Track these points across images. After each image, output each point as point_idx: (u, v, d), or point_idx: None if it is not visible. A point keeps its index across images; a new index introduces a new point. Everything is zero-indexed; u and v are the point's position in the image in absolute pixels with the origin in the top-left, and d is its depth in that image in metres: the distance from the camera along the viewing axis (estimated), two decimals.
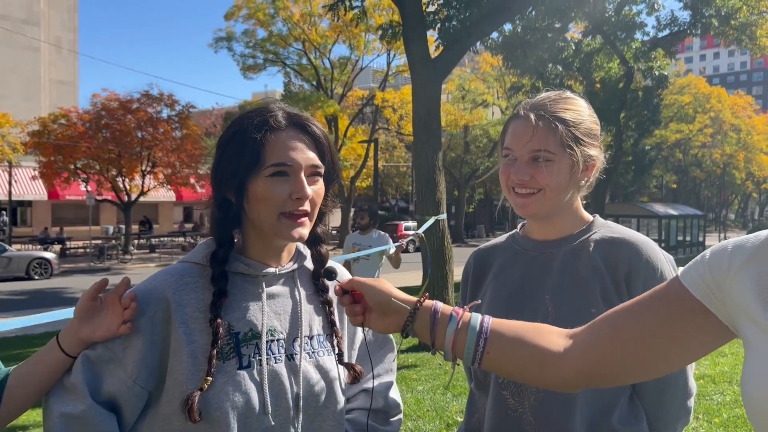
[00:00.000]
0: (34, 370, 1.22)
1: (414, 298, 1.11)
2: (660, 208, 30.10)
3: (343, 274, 1.34)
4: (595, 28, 18.34)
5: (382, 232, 7.33)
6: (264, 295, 1.29)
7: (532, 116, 1.37)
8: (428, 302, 1.09)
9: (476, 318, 1.06)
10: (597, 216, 1.50)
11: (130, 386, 1.21)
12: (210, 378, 1.19)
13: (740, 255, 0.87)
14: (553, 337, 1.03)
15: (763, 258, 0.84)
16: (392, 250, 6.96)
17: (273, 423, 1.23)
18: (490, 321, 1.05)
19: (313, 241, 1.37)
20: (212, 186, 1.30)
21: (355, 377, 1.36)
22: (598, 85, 21.47)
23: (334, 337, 1.36)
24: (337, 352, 1.35)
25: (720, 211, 57.18)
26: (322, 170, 1.27)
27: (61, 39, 43.86)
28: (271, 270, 1.31)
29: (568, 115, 1.38)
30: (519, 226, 1.58)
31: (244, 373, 1.22)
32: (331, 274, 1.22)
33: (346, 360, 1.39)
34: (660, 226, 28.36)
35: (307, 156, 1.24)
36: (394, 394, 1.49)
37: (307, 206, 1.24)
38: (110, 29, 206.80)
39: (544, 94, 1.44)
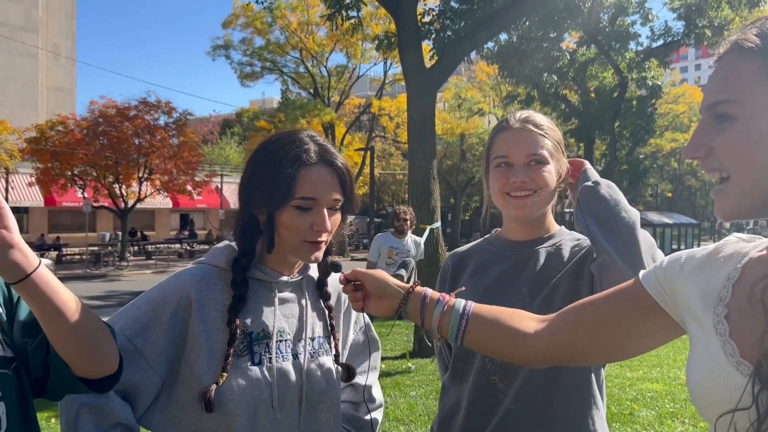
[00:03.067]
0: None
1: (407, 285, 1.27)
2: (655, 217, 30.23)
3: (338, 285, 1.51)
4: (590, 38, 18.54)
5: (415, 237, 7.24)
6: (276, 300, 1.43)
7: (529, 125, 1.55)
8: (419, 288, 1.26)
9: (460, 302, 1.21)
10: (562, 227, 1.68)
11: (150, 377, 1.33)
12: (225, 374, 1.31)
13: (690, 264, 0.99)
14: (526, 320, 1.18)
15: (707, 267, 0.97)
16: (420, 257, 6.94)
17: (279, 415, 1.36)
18: (472, 305, 1.21)
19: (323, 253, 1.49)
20: (241, 200, 1.42)
21: (348, 377, 1.49)
22: (592, 95, 21.65)
23: (332, 339, 1.51)
24: (334, 353, 1.49)
25: (715, 220, 57.40)
26: (341, 203, 1.40)
27: (59, 46, 43.94)
28: (284, 278, 1.45)
29: (553, 134, 1.59)
30: (492, 231, 1.72)
31: (255, 369, 1.35)
32: (337, 267, 1.39)
33: (341, 360, 1.52)
34: (655, 235, 28.45)
35: (331, 192, 1.37)
36: (376, 389, 1.65)
37: (325, 236, 1.38)
38: (108, 37, 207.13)
39: (526, 111, 1.63)
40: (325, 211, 1.36)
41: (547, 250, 1.59)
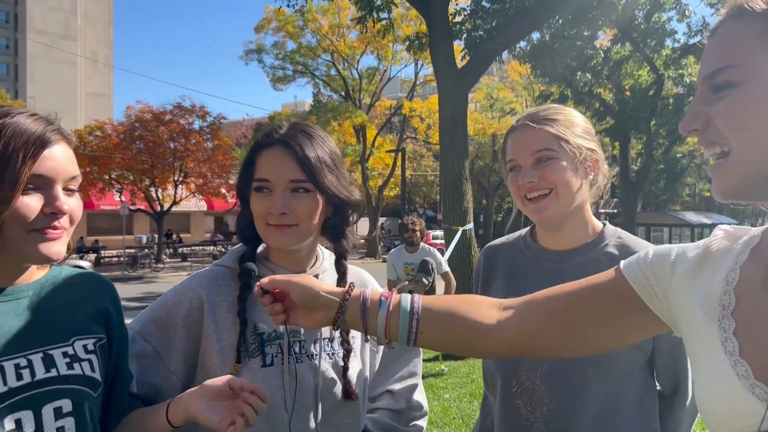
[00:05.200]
0: (139, 424, 1.25)
1: (341, 289, 1.10)
2: (693, 217, 29.59)
3: (362, 284, 1.46)
4: (625, 35, 18.21)
5: (429, 247, 6.69)
6: None
7: (527, 122, 1.44)
8: (356, 291, 1.09)
9: (406, 299, 1.07)
10: (607, 224, 1.52)
11: (169, 378, 1.33)
12: (238, 365, 1.29)
13: (682, 265, 0.92)
14: (485, 308, 1.06)
15: (701, 269, 0.89)
16: (445, 267, 6.51)
17: (293, 418, 1.31)
18: (420, 299, 1.07)
19: (337, 253, 1.46)
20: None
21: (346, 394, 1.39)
22: (627, 93, 21.27)
23: (351, 340, 1.43)
24: (342, 354, 1.40)
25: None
26: (308, 185, 1.32)
27: (97, 53, 45.01)
28: (295, 274, 1.39)
29: (559, 116, 1.45)
30: (529, 228, 1.59)
31: (267, 371, 1.32)
32: (250, 273, 1.24)
33: (368, 362, 1.47)
34: (693, 235, 27.85)
35: (286, 173, 1.31)
36: (418, 396, 1.54)
37: (288, 219, 1.31)
38: (144, 43, 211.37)
39: (533, 108, 1.52)
40: (283, 192, 1.31)
41: (586, 264, 1.42)
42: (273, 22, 31.87)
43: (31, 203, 1.06)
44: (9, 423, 1.02)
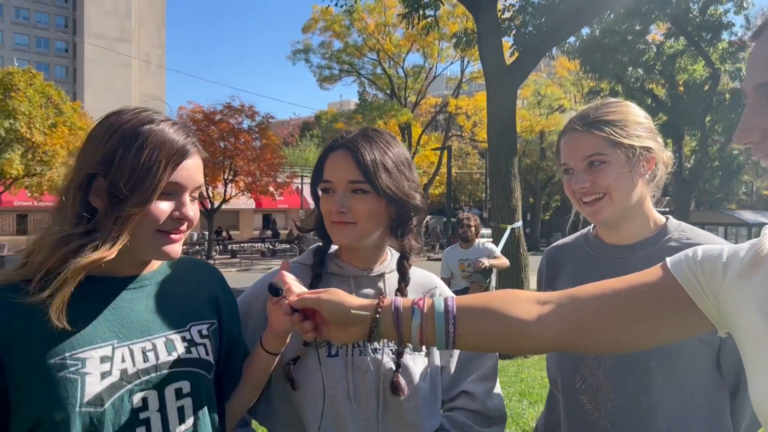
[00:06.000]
0: (246, 371, 1.36)
1: (372, 302, 1.09)
2: (749, 216, 28.54)
3: (433, 287, 1.51)
4: (678, 29, 17.73)
5: (484, 242, 6.70)
6: (354, 294, 1.43)
7: (577, 126, 1.43)
8: (387, 301, 1.08)
9: (439, 302, 1.05)
10: (671, 218, 1.50)
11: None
12: (305, 348, 1.38)
13: (734, 267, 0.91)
14: (522, 304, 1.03)
15: (755, 272, 0.88)
16: (498, 254, 6.53)
17: (356, 407, 1.37)
18: (454, 300, 1.05)
19: (401, 253, 1.51)
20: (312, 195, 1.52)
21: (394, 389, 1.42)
22: (681, 88, 20.70)
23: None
24: (397, 351, 1.42)
25: None
26: (365, 186, 1.38)
27: (150, 55, 46.24)
28: (361, 272, 1.46)
29: (612, 116, 1.42)
30: (592, 225, 1.59)
31: (332, 361, 1.38)
32: (277, 291, 1.23)
33: (437, 362, 1.50)
34: (750, 234, 26.89)
35: (346, 174, 1.38)
36: (496, 399, 1.54)
37: (347, 218, 1.38)
38: (194, 44, 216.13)
39: (586, 105, 1.49)
40: (344, 192, 1.38)
41: (647, 258, 1.39)
42: (320, 21, 32.22)
43: (163, 208, 1.16)
44: (137, 401, 1.12)
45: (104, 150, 1.13)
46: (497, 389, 1.56)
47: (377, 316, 1.06)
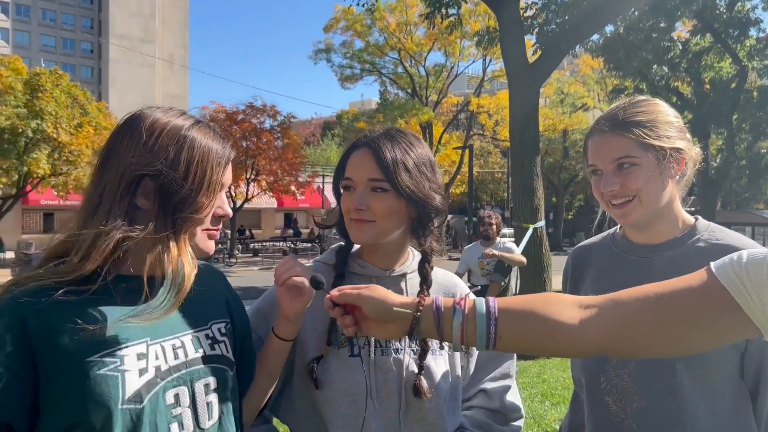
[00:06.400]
0: (261, 361, 1.38)
1: (413, 300, 1.10)
2: None
3: (453, 288, 1.50)
4: (705, 26, 17.43)
5: (506, 241, 6.69)
6: None
7: (606, 128, 1.40)
8: (428, 300, 1.09)
9: (481, 303, 1.05)
10: (700, 218, 1.48)
11: None
12: (329, 347, 1.39)
13: None
14: (565, 308, 1.03)
15: None
16: (517, 251, 6.52)
17: (378, 407, 1.37)
18: (495, 302, 1.05)
19: (422, 255, 1.50)
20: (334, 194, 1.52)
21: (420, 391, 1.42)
22: (707, 86, 20.38)
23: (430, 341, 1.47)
24: (419, 352, 1.42)
25: None
26: (385, 185, 1.38)
27: (174, 55, 46.71)
28: (382, 272, 1.46)
29: (641, 116, 1.38)
30: (619, 226, 1.56)
31: (353, 360, 1.39)
32: (319, 285, 1.25)
33: (458, 363, 1.50)
34: None
35: (365, 173, 1.39)
36: (513, 398, 1.55)
37: (365, 215, 1.38)
38: (217, 44, 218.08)
39: (615, 104, 1.46)
40: (361, 189, 1.39)
41: (676, 257, 1.40)
42: (341, 21, 32.29)
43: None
44: (170, 397, 1.13)
45: (153, 152, 1.13)
46: (514, 388, 1.56)
47: (418, 314, 1.07)
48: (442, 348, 1.45)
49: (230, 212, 1.27)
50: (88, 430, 1.03)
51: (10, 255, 25.26)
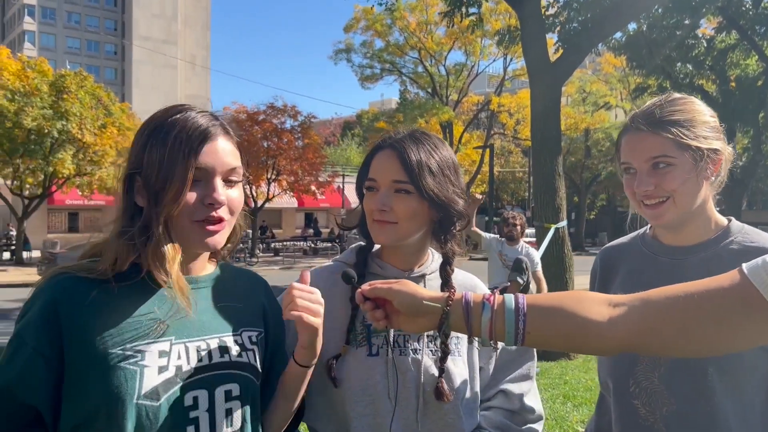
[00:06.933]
0: (280, 383, 1.33)
1: (442, 294, 1.11)
2: None
3: (471, 288, 1.50)
4: (730, 23, 17.15)
5: (529, 247, 6.66)
6: None
7: (642, 126, 1.36)
8: (458, 295, 1.10)
9: (510, 299, 1.06)
10: (733, 219, 1.45)
11: (290, 360, 1.41)
12: (347, 345, 1.39)
13: None
14: (594, 305, 1.03)
15: None
16: (539, 269, 6.46)
17: (396, 407, 1.38)
18: (524, 298, 1.06)
19: (443, 259, 1.50)
20: (358, 195, 1.52)
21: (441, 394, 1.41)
22: (733, 84, 20.06)
23: (455, 338, 1.46)
24: (437, 353, 1.42)
25: None
26: (409, 187, 1.37)
27: (195, 56, 47.13)
28: (402, 273, 1.46)
29: (678, 115, 1.35)
30: (648, 226, 1.54)
31: (372, 360, 1.39)
32: (350, 279, 1.26)
33: (476, 365, 1.50)
34: None
35: (389, 174, 1.39)
36: (532, 399, 1.55)
37: (388, 217, 1.38)
38: (238, 45, 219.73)
39: (650, 101, 1.43)
40: (384, 190, 1.39)
41: (708, 260, 1.37)
42: (362, 21, 32.30)
43: (192, 195, 1.14)
44: (189, 399, 1.13)
45: (137, 148, 1.16)
46: (534, 389, 1.56)
47: (447, 308, 1.08)
48: (470, 342, 1.45)
49: (221, 199, 1.16)
50: (104, 422, 1.05)
51: (36, 254, 25.67)
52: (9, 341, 1.10)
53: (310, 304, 1.20)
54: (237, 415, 1.18)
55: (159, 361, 1.10)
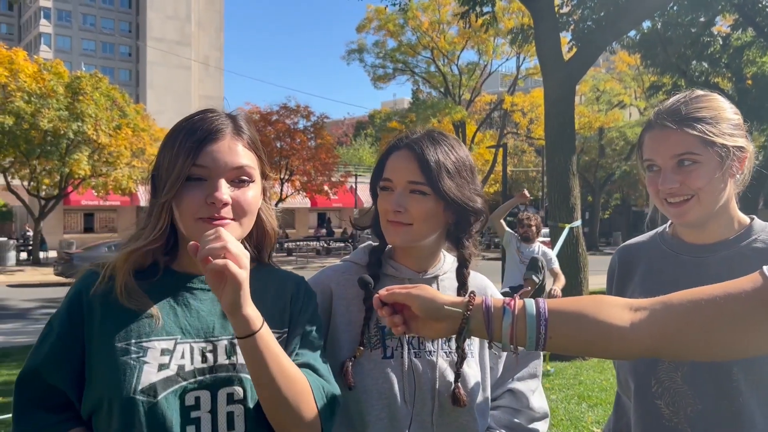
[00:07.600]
0: None
1: (462, 299, 1.09)
2: None
3: (484, 289, 1.50)
4: (746, 20, 16.96)
5: (546, 248, 6.70)
6: None
7: (667, 122, 1.33)
8: (478, 299, 1.09)
9: (531, 304, 1.05)
10: (755, 218, 1.43)
11: None
12: (362, 348, 1.38)
13: None
14: (616, 309, 1.02)
15: None
16: (556, 265, 6.49)
17: (410, 409, 1.37)
18: (545, 303, 1.05)
19: (459, 260, 1.49)
20: (371, 194, 1.51)
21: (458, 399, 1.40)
22: (749, 82, 19.84)
23: (470, 341, 1.46)
24: (451, 356, 1.42)
25: None
26: (425, 188, 1.36)
27: (209, 57, 47.35)
28: (416, 274, 1.45)
29: (704, 112, 1.33)
30: (668, 224, 1.52)
31: (386, 362, 1.39)
32: (367, 285, 1.25)
33: (488, 366, 1.50)
34: None
35: (405, 174, 1.37)
36: (538, 397, 1.54)
37: (403, 218, 1.37)
38: (251, 46, 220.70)
39: (674, 98, 1.40)
40: (399, 190, 1.38)
41: (731, 258, 1.35)
42: (374, 21, 32.31)
43: (193, 194, 1.15)
44: (190, 398, 1.13)
45: (158, 152, 1.22)
46: (540, 387, 1.56)
47: (468, 313, 1.07)
48: (490, 347, 1.44)
49: (222, 198, 1.13)
50: (107, 412, 1.09)
51: (52, 254, 25.93)
52: (43, 328, 1.20)
53: (240, 252, 1.05)
54: (240, 419, 1.16)
55: (160, 359, 1.12)
